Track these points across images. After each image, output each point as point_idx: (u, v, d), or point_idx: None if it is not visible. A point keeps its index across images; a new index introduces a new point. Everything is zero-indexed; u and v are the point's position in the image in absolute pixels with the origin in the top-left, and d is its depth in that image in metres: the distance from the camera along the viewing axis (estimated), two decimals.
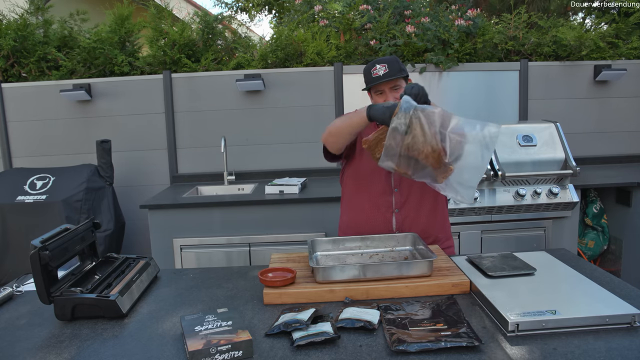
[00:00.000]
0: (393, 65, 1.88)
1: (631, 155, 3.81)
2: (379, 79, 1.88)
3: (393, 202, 1.97)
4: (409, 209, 1.97)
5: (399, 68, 1.88)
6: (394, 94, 1.89)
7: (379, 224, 1.99)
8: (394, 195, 1.97)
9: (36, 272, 1.35)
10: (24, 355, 1.23)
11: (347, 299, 1.47)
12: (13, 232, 3.06)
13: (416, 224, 1.95)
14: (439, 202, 2.01)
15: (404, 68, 1.90)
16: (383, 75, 1.86)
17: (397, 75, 1.86)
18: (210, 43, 3.77)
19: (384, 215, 1.98)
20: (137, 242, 3.73)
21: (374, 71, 1.89)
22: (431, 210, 1.98)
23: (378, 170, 1.94)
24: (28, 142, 3.68)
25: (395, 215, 1.97)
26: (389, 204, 1.98)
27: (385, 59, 1.92)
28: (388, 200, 1.98)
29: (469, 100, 3.66)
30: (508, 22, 3.73)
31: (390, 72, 1.86)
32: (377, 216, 1.99)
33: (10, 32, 3.47)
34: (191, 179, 3.69)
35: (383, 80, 1.87)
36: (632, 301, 1.32)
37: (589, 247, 3.41)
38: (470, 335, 1.18)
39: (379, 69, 1.88)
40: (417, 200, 1.96)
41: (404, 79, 1.91)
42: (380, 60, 1.91)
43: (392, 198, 1.97)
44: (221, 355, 1.13)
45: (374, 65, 1.90)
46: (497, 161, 2.96)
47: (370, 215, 2.01)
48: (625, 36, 3.77)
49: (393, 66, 1.87)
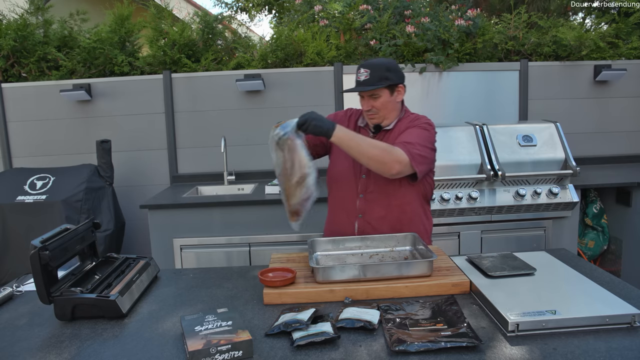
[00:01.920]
0: (375, 73, 1.82)
1: (631, 155, 3.81)
2: (357, 85, 1.86)
3: (357, 207, 1.95)
4: (371, 216, 1.92)
5: (380, 77, 1.82)
6: (372, 102, 1.86)
7: (344, 227, 1.98)
8: (359, 200, 1.94)
9: (36, 272, 1.35)
10: (24, 355, 1.23)
11: (347, 299, 1.47)
12: (13, 232, 3.06)
13: (379, 232, 1.89)
14: (410, 211, 1.93)
15: (389, 77, 1.83)
16: (362, 82, 1.84)
17: (376, 85, 1.81)
18: (210, 43, 3.77)
19: (348, 219, 1.97)
20: (137, 242, 3.73)
21: (358, 74, 1.86)
22: (398, 218, 1.91)
23: (347, 174, 1.94)
24: (28, 142, 3.67)
25: (358, 220, 1.95)
26: (354, 208, 1.95)
27: (372, 64, 1.86)
28: (353, 205, 1.95)
29: (469, 100, 3.66)
30: (508, 22, 3.73)
31: (369, 81, 1.82)
32: (343, 220, 1.99)
33: (10, 32, 3.47)
34: (191, 179, 3.69)
35: (357, 90, 1.85)
36: (632, 301, 1.32)
37: (589, 247, 3.41)
38: (470, 335, 1.18)
39: (362, 74, 1.85)
40: (382, 207, 1.90)
41: (387, 87, 1.85)
42: (367, 64, 1.85)
43: (357, 203, 1.94)
44: (221, 355, 1.13)
45: (359, 68, 1.87)
46: (497, 161, 2.96)
47: (338, 218, 2.02)
48: (625, 36, 3.76)
49: (375, 75, 1.82)
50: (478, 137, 3.06)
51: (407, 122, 1.92)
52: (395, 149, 1.76)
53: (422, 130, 1.87)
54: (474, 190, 2.94)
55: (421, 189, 1.94)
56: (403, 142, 1.80)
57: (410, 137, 1.82)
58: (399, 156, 1.74)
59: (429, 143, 1.86)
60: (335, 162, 2.00)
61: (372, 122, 1.92)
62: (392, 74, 1.84)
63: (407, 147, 1.77)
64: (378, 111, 1.88)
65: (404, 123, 1.93)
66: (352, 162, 1.91)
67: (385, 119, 1.91)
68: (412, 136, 1.83)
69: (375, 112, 1.88)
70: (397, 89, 1.88)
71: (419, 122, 1.91)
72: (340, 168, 1.96)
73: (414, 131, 1.86)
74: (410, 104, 3.61)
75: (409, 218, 1.93)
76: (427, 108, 3.66)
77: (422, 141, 1.82)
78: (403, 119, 1.95)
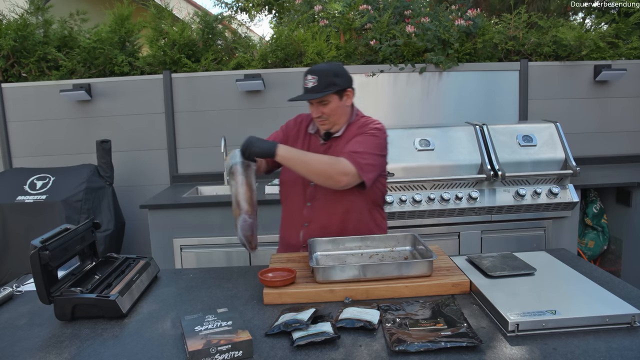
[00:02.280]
0: (323, 79, 1.78)
1: (631, 155, 3.81)
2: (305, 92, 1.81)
3: (304, 216, 1.94)
4: (315, 225, 1.91)
5: (328, 83, 1.78)
6: (321, 108, 1.83)
7: (291, 238, 1.97)
8: (306, 209, 1.93)
9: (36, 272, 1.35)
10: (24, 355, 1.23)
11: (347, 299, 1.47)
12: (13, 232, 3.06)
13: None
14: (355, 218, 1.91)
15: (337, 82, 1.80)
16: (310, 89, 1.79)
17: (325, 92, 1.77)
18: (210, 43, 3.77)
19: (295, 229, 1.97)
20: (137, 242, 3.73)
21: (305, 81, 1.81)
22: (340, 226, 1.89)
23: (295, 183, 1.92)
24: (28, 142, 3.67)
25: (303, 229, 1.94)
26: (301, 217, 1.95)
27: (319, 70, 1.81)
28: (301, 214, 1.94)
29: (469, 100, 3.66)
30: (508, 22, 3.73)
31: (317, 87, 1.78)
32: (290, 229, 1.99)
33: (10, 32, 3.47)
34: (191, 179, 3.69)
35: (306, 98, 1.81)
36: (632, 301, 1.32)
37: (589, 247, 3.42)
38: (470, 335, 1.18)
39: (309, 81, 1.80)
40: (326, 215, 1.90)
41: (336, 93, 1.81)
42: (314, 70, 1.81)
43: (304, 212, 1.93)
44: (221, 355, 1.13)
45: (306, 74, 1.81)
46: (497, 161, 2.96)
47: (285, 227, 2.02)
48: (625, 36, 3.76)
49: (322, 81, 1.78)
50: (478, 137, 3.06)
51: (357, 128, 1.89)
52: (341, 161, 1.75)
53: (370, 137, 1.85)
54: (474, 190, 2.94)
55: (370, 194, 1.91)
56: (350, 151, 1.79)
57: (357, 146, 1.81)
58: (344, 168, 1.74)
59: (377, 150, 1.84)
60: (285, 170, 1.97)
61: (323, 128, 1.90)
62: (339, 79, 1.81)
63: (353, 157, 1.76)
64: (328, 117, 1.85)
65: (353, 128, 1.90)
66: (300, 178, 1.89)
67: (336, 124, 1.88)
68: (360, 144, 1.81)
69: (326, 118, 1.85)
70: (346, 93, 1.85)
71: (368, 128, 1.88)
72: (289, 177, 1.94)
73: (362, 139, 1.84)
74: (410, 103, 3.66)
75: (353, 225, 1.91)
76: (427, 108, 3.67)
77: (369, 149, 1.81)
78: (353, 123, 1.92)
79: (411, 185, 2.93)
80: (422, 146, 3.00)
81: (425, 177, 2.91)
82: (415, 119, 3.65)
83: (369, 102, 3.63)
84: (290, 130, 2.03)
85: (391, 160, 2.95)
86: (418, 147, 3.00)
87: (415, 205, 2.90)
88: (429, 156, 2.98)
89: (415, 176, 2.91)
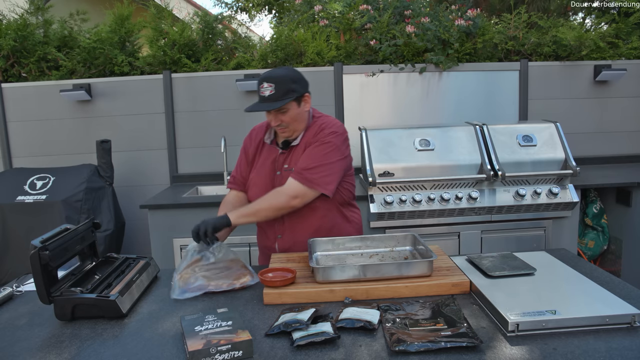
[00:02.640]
0: (280, 87, 1.72)
1: (631, 155, 3.81)
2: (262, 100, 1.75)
3: (275, 229, 1.95)
4: (288, 237, 1.93)
5: (286, 90, 1.73)
6: (280, 116, 1.79)
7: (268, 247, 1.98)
8: (277, 222, 1.93)
9: (36, 272, 1.35)
10: (24, 355, 1.23)
11: (347, 299, 1.47)
12: (13, 232, 3.06)
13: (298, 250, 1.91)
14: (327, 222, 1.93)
15: (295, 88, 1.75)
16: (268, 97, 1.73)
17: (284, 100, 1.73)
18: (210, 43, 3.77)
19: (270, 240, 1.98)
20: (137, 242, 3.73)
21: (261, 89, 1.75)
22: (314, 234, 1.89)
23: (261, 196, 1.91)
24: (28, 142, 3.67)
25: (278, 241, 1.95)
26: (273, 229, 1.96)
27: (275, 77, 1.74)
28: (273, 227, 1.95)
29: (469, 100, 3.66)
30: (508, 22, 3.73)
31: (274, 95, 1.73)
32: (266, 240, 2.00)
33: (10, 32, 3.47)
34: (191, 179, 3.69)
35: (265, 109, 1.76)
36: (632, 301, 1.32)
37: (589, 247, 3.42)
38: (470, 335, 1.18)
39: (266, 89, 1.73)
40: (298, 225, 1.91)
41: (295, 99, 1.77)
42: (270, 78, 1.74)
43: (275, 225, 1.94)
44: (221, 355, 1.13)
45: (262, 82, 1.75)
46: (497, 161, 2.96)
47: (262, 238, 2.03)
48: (625, 36, 3.76)
49: (280, 88, 1.72)
50: (478, 137, 3.06)
51: (313, 135, 1.87)
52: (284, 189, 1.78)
53: (322, 146, 1.82)
54: (474, 190, 2.94)
55: (337, 197, 1.92)
56: (300, 169, 1.79)
57: (308, 161, 1.80)
58: (291, 192, 1.77)
59: (330, 158, 1.82)
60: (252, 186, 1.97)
61: (283, 136, 1.89)
62: (297, 84, 1.77)
63: (303, 176, 1.78)
64: (287, 125, 1.82)
65: (310, 134, 1.88)
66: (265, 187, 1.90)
67: (295, 131, 1.86)
68: (310, 158, 1.81)
69: (285, 126, 1.82)
70: (304, 98, 1.82)
71: (322, 135, 1.85)
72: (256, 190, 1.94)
73: (313, 151, 1.82)
74: (410, 103, 3.66)
75: (326, 228, 1.93)
76: (427, 108, 3.67)
77: (320, 160, 1.80)
78: (310, 128, 1.90)
79: (411, 185, 2.93)
80: (422, 146, 3.00)
81: (425, 177, 2.91)
82: (415, 119, 3.65)
83: (369, 102, 3.64)
84: (248, 150, 2.01)
85: (391, 160, 2.98)
86: (418, 147, 3.00)
87: (415, 205, 2.90)
88: (429, 156, 2.98)
89: (415, 176, 2.92)
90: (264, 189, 1.90)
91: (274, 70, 1.80)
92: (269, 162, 1.94)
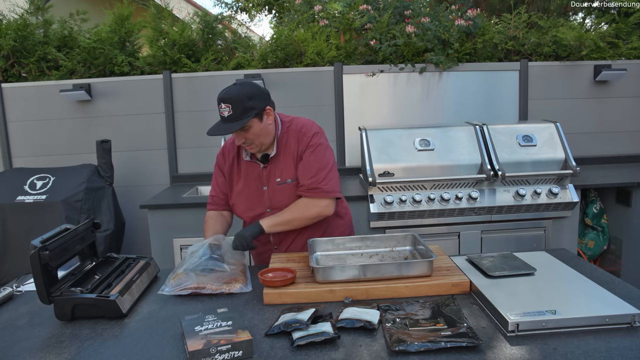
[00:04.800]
0: (238, 106, 1.69)
1: (631, 155, 3.81)
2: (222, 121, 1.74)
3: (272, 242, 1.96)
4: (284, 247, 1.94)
5: (244, 109, 1.69)
6: (244, 134, 1.76)
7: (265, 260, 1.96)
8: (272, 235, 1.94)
9: (36, 272, 1.35)
10: (24, 355, 1.23)
11: (347, 299, 1.47)
12: (13, 232, 3.06)
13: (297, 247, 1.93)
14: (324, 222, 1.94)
15: (253, 105, 1.71)
16: (227, 117, 1.71)
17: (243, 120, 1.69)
18: (210, 43, 3.77)
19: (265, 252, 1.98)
20: (137, 242, 3.73)
21: (220, 110, 1.73)
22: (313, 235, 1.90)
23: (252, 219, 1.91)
24: (28, 142, 3.67)
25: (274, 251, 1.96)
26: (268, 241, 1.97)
27: (231, 97, 1.70)
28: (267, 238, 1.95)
29: (469, 100, 3.66)
30: (508, 22, 3.72)
31: (233, 116, 1.70)
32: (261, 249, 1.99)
33: (10, 32, 3.47)
34: (191, 179, 3.69)
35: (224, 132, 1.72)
36: (632, 301, 1.32)
37: (589, 247, 3.42)
38: (470, 335, 1.18)
39: (224, 110, 1.71)
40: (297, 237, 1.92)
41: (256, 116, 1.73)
42: (226, 98, 1.70)
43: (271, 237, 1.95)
44: (221, 355, 1.13)
45: (219, 102, 1.72)
46: (497, 161, 2.96)
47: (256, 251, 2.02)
48: (625, 36, 3.76)
49: (237, 108, 1.69)
50: (478, 137, 3.06)
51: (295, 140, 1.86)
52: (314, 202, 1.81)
53: (316, 152, 1.84)
54: (474, 190, 2.94)
55: None
56: (311, 188, 1.81)
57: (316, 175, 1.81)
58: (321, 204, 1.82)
59: (327, 161, 1.85)
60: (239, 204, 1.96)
61: (253, 151, 1.87)
62: (254, 101, 1.72)
63: (320, 191, 1.81)
64: (252, 141, 1.79)
65: (290, 141, 1.87)
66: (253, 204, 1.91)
67: (263, 145, 1.82)
68: (315, 170, 1.82)
69: (250, 143, 1.80)
70: (265, 112, 1.78)
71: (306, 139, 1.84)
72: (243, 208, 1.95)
73: (311, 161, 1.82)
74: (410, 104, 3.66)
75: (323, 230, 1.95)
76: (427, 108, 3.67)
77: (324, 168, 1.83)
78: (285, 134, 1.88)
79: (411, 185, 2.93)
80: (422, 146, 3.00)
81: (425, 177, 2.91)
82: (415, 119, 3.65)
83: (369, 102, 3.64)
84: (223, 167, 2.00)
85: (391, 160, 2.98)
86: (418, 147, 3.00)
87: (415, 205, 2.90)
88: (429, 156, 2.98)
89: (415, 176, 2.92)
90: (252, 206, 1.91)
91: (230, 89, 1.74)
92: (253, 178, 1.92)
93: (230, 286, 1.59)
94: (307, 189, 1.82)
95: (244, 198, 1.93)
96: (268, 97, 1.81)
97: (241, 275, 1.66)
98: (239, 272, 1.67)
